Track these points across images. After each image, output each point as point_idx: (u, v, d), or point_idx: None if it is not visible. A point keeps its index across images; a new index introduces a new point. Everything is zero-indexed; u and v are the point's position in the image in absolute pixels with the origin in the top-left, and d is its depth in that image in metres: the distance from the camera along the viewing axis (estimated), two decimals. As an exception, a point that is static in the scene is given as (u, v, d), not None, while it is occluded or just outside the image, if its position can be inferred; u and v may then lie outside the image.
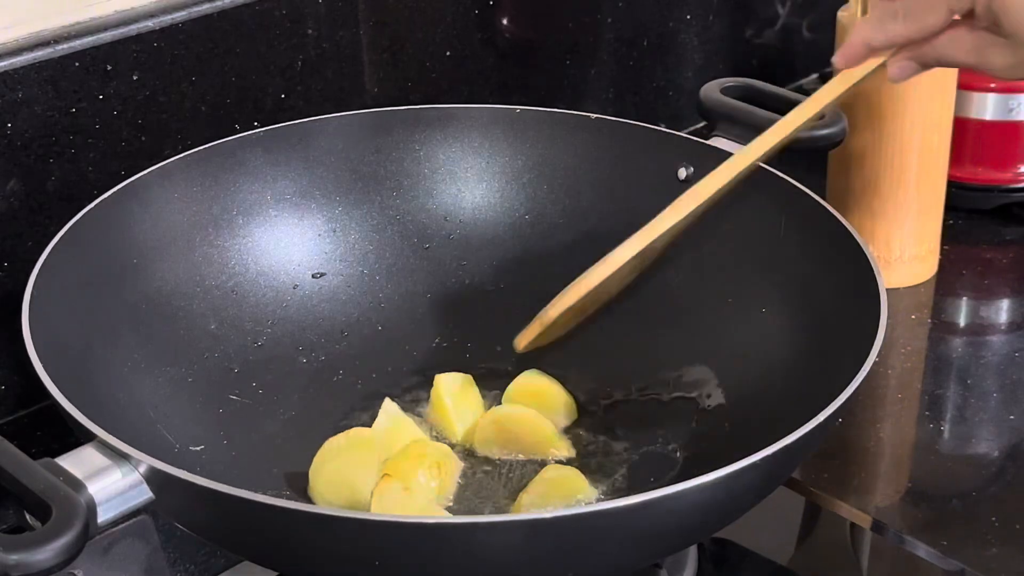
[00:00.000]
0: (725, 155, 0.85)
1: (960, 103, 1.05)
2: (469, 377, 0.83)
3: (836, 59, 0.74)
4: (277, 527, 0.60)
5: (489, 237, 0.91)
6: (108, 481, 0.60)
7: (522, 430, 0.80)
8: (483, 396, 0.84)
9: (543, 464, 0.79)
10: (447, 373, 0.83)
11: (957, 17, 0.69)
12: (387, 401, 0.80)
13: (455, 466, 0.79)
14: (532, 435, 0.80)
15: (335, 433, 0.78)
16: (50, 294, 0.72)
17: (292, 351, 0.86)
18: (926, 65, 0.72)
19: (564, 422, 0.83)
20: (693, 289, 0.85)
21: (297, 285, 0.88)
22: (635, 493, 0.58)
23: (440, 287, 0.90)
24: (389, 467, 0.76)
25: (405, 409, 0.81)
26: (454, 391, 0.82)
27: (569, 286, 0.76)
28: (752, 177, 0.84)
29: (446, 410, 0.81)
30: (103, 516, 0.59)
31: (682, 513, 0.61)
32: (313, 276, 0.89)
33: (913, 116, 0.96)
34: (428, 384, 0.84)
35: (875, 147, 0.97)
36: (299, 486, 0.78)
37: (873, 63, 0.73)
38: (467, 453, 0.80)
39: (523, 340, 0.78)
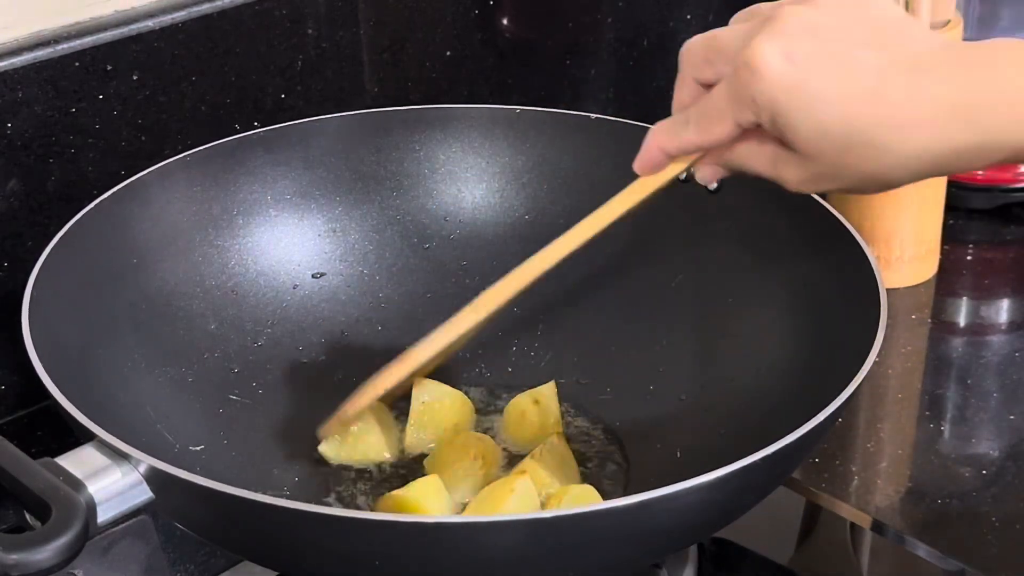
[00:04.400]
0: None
1: (960, 103, 1.04)
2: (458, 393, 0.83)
3: (636, 166, 0.69)
4: (277, 527, 0.60)
5: (489, 237, 0.91)
6: (108, 481, 0.60)
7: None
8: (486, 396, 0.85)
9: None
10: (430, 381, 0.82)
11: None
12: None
13: (497, 454, 0.79)
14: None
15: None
16: (50, 294, 0.72)
17: (292, 351, 0.86)
18: (732, 170, 0.66)
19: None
20: (693, 288, 0.85)
21: (297, 285, 0.88)
22: (635, 493, 0.58)
23: (440, 287, 0.90)
24: (430, 464, 0.78)
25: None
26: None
27: (369, 381, 0.76)
28: (752, 178, 0.84)
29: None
30: (103, 516, 0.60)
31: (682, 513, 0.61)
32: (313, 276, 0.89)
33: (913, 116, 0.96)
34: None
35: (875, 147, 0.97)
36: (300, 486, 0.78)
37: (675, 169, 0.68)
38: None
39: (326, 433, 0.79)
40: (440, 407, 0.81)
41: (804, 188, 0.64)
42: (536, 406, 0.81)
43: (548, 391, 0.81)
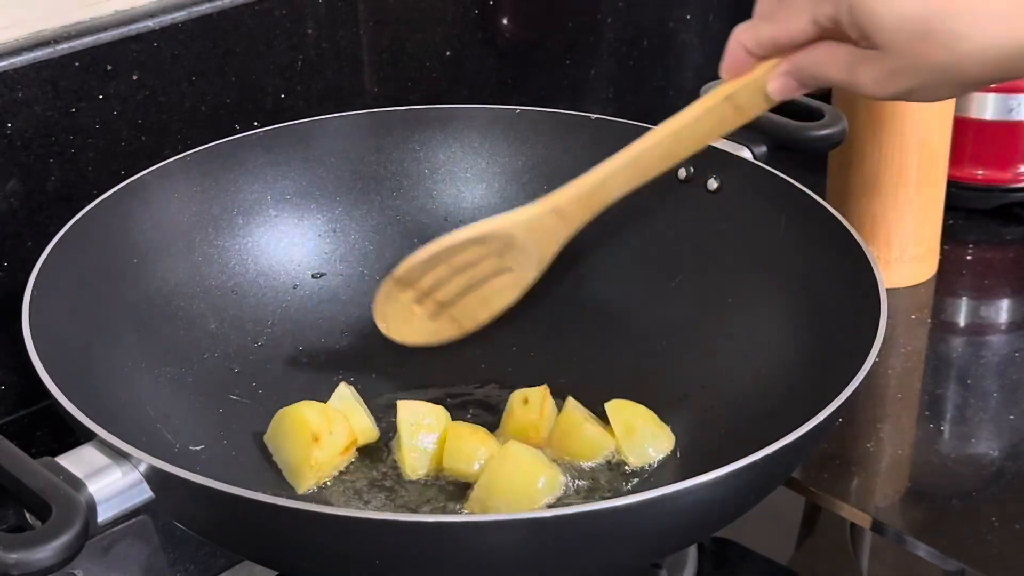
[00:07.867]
0: (724, 155, 0.86)
1: (960, 103, 1.05)
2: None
3: (722, 69, 0.71)
4: (277, 527, 0.60)
5: (489, 237, 0.91)
6: (108, 480, 0.60)
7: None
8: (489, 396, 0.85)
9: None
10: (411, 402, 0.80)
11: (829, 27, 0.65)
12: (342, 385, 0.81)
13: None
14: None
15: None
16: (50, 294, 0.72)
17: (292, 351, 0.86)
18: (803, 82, 0.68)
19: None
20: (693, 288, 0.85)
21: (297, 285, 0.88)
22: (635, 493, 0.58)
23: (440, 287, 0.90)
24: None
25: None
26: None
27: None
28: (753, 178, 0.84)
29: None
30: (103, 515, 0.59)
31: (682, 513, 0.61)
32: (313, 276, 0.89)
33: (913, 116, 0.96)
34: (427, 385, 0.84)
35: (875, 147, 0.98)
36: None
37: (759, 73, 0.69)
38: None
39: (378, 310, 0.81)
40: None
41: (880, 90, 0.65)
42: (525, 405, 0.80)
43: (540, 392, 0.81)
